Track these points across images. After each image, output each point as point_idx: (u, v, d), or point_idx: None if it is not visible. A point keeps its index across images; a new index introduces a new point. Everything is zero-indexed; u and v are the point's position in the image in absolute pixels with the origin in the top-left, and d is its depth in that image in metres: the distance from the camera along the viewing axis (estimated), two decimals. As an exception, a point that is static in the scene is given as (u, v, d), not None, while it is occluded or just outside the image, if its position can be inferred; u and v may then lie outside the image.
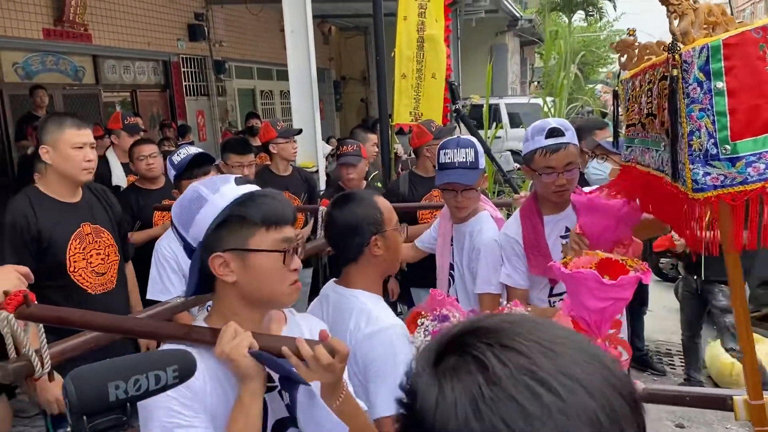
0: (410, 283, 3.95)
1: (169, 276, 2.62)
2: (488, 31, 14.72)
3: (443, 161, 2.62)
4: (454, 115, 3.26)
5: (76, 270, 2.61)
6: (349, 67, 15.98)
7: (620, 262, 1.60)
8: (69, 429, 0.98)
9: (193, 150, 2.70)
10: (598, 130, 3.80)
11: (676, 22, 1.18)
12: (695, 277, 4.16)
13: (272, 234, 1.30)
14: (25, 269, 1.44)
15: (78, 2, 7.88)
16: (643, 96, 1.52)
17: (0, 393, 2.78)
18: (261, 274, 1.30)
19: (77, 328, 1.34)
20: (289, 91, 5.40)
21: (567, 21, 21.05)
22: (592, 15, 23.20)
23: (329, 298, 1.84)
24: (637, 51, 1.62)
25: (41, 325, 1.30)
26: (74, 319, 1.27)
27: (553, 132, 2.27)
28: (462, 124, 5.17)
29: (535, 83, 22.24)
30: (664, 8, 1.19)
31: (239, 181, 1.33)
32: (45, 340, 1.31)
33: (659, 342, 5.35)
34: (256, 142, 7.14)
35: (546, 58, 7.64)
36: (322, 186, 5.11)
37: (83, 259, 2.62)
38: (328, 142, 8.96)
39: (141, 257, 3.11)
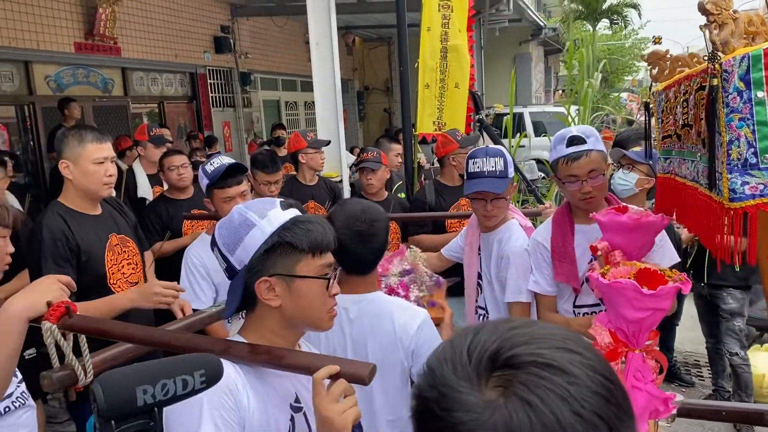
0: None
1: (199, 283, 2.66)
2: (512, 40, 14.71)
3: (472, 170, 2.62)
4: (477, 124, 3.26)
5: (114, 282, 2.62)
6: (373, 77, 16.07)
7: (659, 272, 1.58)
8: None
9: (227, 160, 2.73)
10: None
11: (716, 32, 1.17)
12: (702, 283, 4.12)
13: (317, 260, 1.33)
14: (67, 278, 1.46)
15: (108, 16, 8.05)
16: (678, 107, 1.51)
17: (35, 398, 2.83)
18: (305, 300, 1.32)
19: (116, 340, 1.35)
20: (313, 102, 5.44)
21: (591, 29, 20.94)
22: (617, 23, 23.04)
23: (350, 310, 1.84)
24: (668, 63, 1.61)
25: (83, 335, 1.33)
26: (115, 332, 1.29)
27: (574, 140, 2.27)
28: (485, 134, 5.16)
29: (560, 92, 22.13)
30: (703, 17, 1.19)
31: (284, 206, 1.35)
32: (87, 349, 1.33)
33: (687, 353, 5.27)
34: (282, 152, 7.23)
35: (569, 67, 7.59)
36: (347, 195, 5.13)
37: (118, 270, 2.64)
38: (351, 152, 9.01)
39: (170, 266, 3.15)
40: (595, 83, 6.94)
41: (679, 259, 2.23)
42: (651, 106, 1.90)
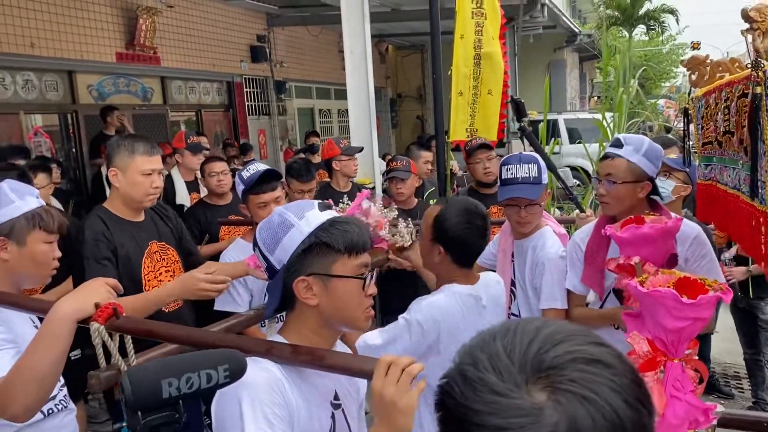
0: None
1: (235, 287, 2.71)
2: (546, 46, 14.60)
3: (506, 177, 2.62)
4: (519, 132, 3.25)
5: (149, 289, 2.62)
6: (405, 84, 16.12)
7: (699, 281, 1.56)
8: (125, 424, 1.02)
9: (262, 167, 2.78)
10: (666, 148, 3.73)
11: (759, 39, 1.16)
12: (740, 293, 4.04)
13: (353, 260, 1.36)
14: (114, 281, 1.51)
15: (148, 26, 8.25)
16: (719, 114, 1.49)
17: (77, 399, 2.91)
18: (341, 299, 1.35)
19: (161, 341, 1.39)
20: (346, 110, 5.50)
21: (627, 35, 20.67)
22: (654, 29, 22.68)
23: (481, 298, 2.10)
24: (709, 68, 1.60)
25: (129, 336, 1.37)
26: (161, 333, 1.33)
27: (614, 142, 2.31)
28: (523, 141, 5.13)
29: (595, 98, 21.86)
30: (744, 23, 1.18)
31: (322, 207, 1.39)
32: (133, 349, 1.37)
33: (726, 364, 5.15)
34: (316, 159, 7.30)
35: (604, 73, 7.50)
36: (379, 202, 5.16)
37: (155, 278, 2.65)
38: (383, 159, 9.05)
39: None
40: (631, 90, 6.85)
41: (724, 280, 2.19)
42: (690, 112, 1.88)
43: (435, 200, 4.76)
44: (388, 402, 1.14)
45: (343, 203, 2.44)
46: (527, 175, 2.58)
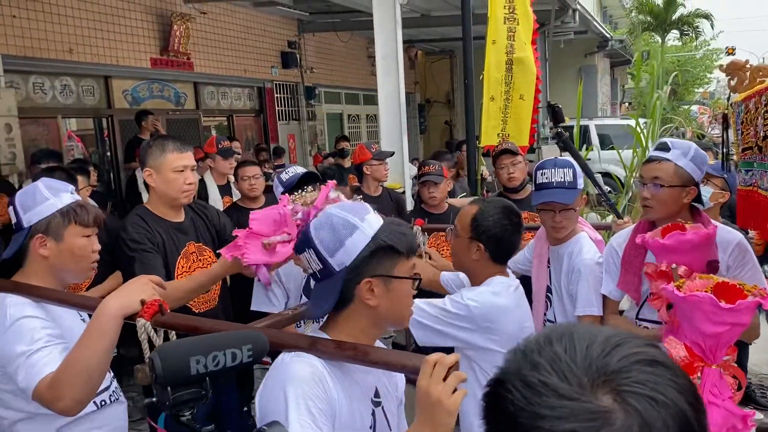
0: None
1: (272, 288, 2.74)
2: (577, 52, 14.49)
3: (540, 181, 2.62)
4: (556, 137, 3.24)
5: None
6: (434, 90, 16.12)
7: (738, 286, 1.54)
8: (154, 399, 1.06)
9: (300, 169, 2.82)
10: None
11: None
12: None
13: (409, 262, 1.41)
14: (159, 279, 1.55)
15: (182, 33, 8.41)
16: (759, 118, 1.48)
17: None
18: (398, 300, 1.40)
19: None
20: (374, 115, 5.55)
21: (660, 41, 20.38)
22: (688, 34, 22.31)
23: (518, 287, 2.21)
24: (748, 73, 1.58)
25: (173, 332, 1.41)
26: (204, 328, 1.37)
27: (659, 145, 2.29)
28: (560, 146, 5.10)
29: (626, 104, 21.60)
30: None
31: (374, 210, 1.44)
32: None
33: (762, 375, 5.03)
34: (346, 163, 7.35)
35: (637, 79, 7.42)
36: (409, 207, 5.18)
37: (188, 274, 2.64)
38: (412, 163, 9.07)
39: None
40: (663, 96, 6.76)
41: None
42: (729, 118, 1.86)
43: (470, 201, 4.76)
44: (434, 400, 1.16)
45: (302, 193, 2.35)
46: (562, 180, 2.58)
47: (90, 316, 1.90)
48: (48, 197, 1.84)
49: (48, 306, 1.77)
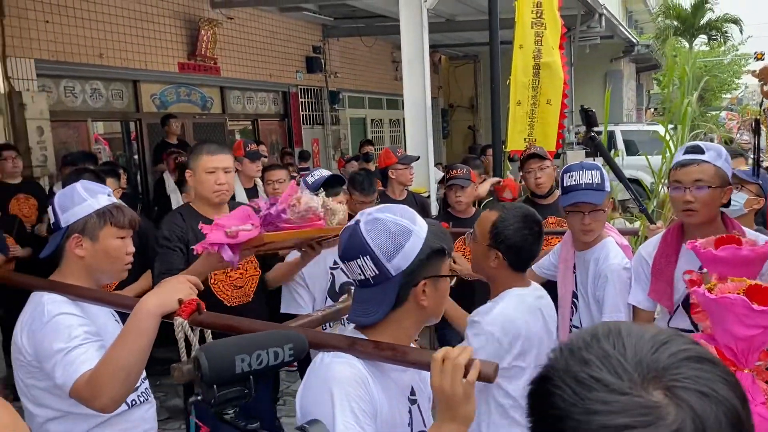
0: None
1: (298, 291, 2.79)
2: (603, 57, 14.37)
3: (568, 183, 2.61)
4: (589, 141, 3.21)
5: (215, 282, 2.75)
6: (458, 94, 16.11)
7: (771, 289, 1.52)
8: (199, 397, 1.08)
9: (326, 172, 2.87)
10: (732, 159, 3.61)
11: None
12: None
13: (448, 261, 1.46)
14: (195, 279, 1.57)
15: (209, 38, 8.52)
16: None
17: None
18: (442, 297, 1.44)
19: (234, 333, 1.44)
20: (398, 120, 5.58)
21: (687, 46, 20.14)
22: (716, 39, 22.03)
23: (538, 297, 2.16)
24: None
25: (209, 331, 1.43)
26: (241, 327, 1.38)
27: (692, 148, 2.24)
28: (594, 151, 5.06)
29: (652, 110, 21.35)
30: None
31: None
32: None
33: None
34: (371, 167, 7.37)
35: (667, 84, 7.34)
36: (434, 211, 5.18)
37: (223, 272, 2.76)
38: (435, 168, 9.07)
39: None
40: (693, 101, 6.68)
41: None
42: (762, 123, 1.84)
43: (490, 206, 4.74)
44: (448, 394, 1.22)
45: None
46: (590, 181, 2.58)
47: (122, 315, 1.95)
48: (85, 198, 1.87)
49: (83, 305, 1.80)
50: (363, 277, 1.38)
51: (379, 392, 1.33)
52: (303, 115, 11.05)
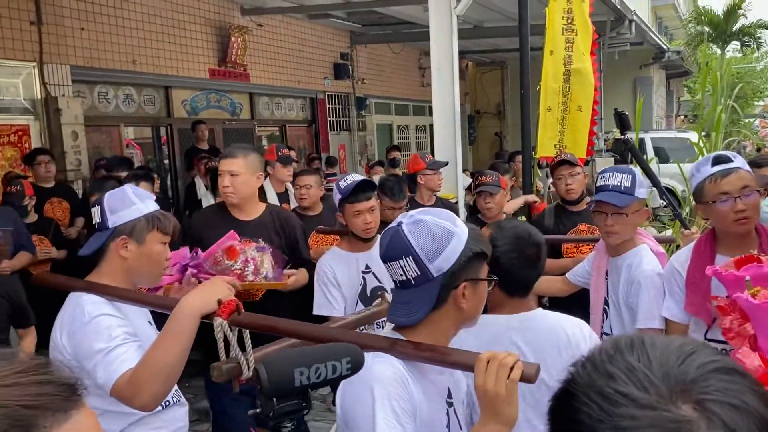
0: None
1: (331, 292, 2.86)
2: (632, 63, 14.21)
3: (599, 184, 2.62)
4: (623, 145, 3.17)
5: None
6: (484, 101, 16.06)
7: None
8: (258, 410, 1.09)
9: (358, 177, 2.90)
10: (762, 167, 3.55)
11: None
12: None
13: (486, 264, 1.47)
14: (233, 279, 1.60)
15: (239, 45, 8.62)
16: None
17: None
18: (481, 301, 1.46)
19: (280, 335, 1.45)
20: (424, 126, 5.59)
21: (719, 52, 19.82)
22: (749, 45, 21.62)
23: (518, 329, 1.84)
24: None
25: (247, 331, 1.44)
26: (281, 328, 1.40)
27: (720, 158, 2.21)
28: (628, 155, 4.99)
29: (682, 117, 21.05)
30: None
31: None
32: (251, 344, 1.44)
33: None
34: (397, 173, 7.38)
35: (701, 90, 7.24)
36: (462, 218, 5.15)
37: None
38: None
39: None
40: (727, 108, 6.58)
41: None
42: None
43: (524, 216, 4.71)
44: (491, 395, 1.23)
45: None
46: (618, 184, 2.56)
47: (154, 317, 1.99)
48: (135, 202, 1.91)
49: (119, 305, 1.83)
50: (404, 278, 1.40)
51: (419, 393, 1.34)
52: (330, 121, 11.12)
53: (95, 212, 1.93)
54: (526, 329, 1.85)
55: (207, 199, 5.96)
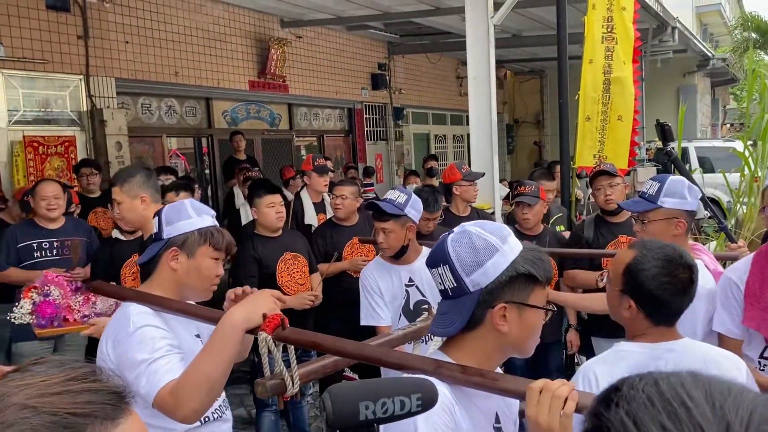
0: (591, 332, 3.78)
1: (376, 301, 2.90)
2: (675, 71, 13.92)
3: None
4: (665, 157, 3.09)
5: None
6: (523, 110, 15.92)
7: None
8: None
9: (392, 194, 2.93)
10: None
11: None
12: None
13: (545, 291, 1.35)
14: (278, 293, 1.59)
15: (279, 56, 8.74)
16: None
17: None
18: (529, 329, 1.34)
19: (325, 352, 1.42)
20: (461, 135, 5.57)
21: (767, 59, 19.25)
22: (799, 50, 20.96)
23: (666, 359, 1.68)
24: None
25: (292, 347, 1.43)
26: (326, 345, 1.36)
27: None
28: (671, 166, 4.88)
29: (728, 125, 20.49)
30: None
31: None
32: (295, 360, 1.42)
33: None
34: (434, 182, 7.36)
35: (747, 98, 7.02)
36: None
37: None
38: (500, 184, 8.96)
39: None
40: (775, 116, 6.36)
41: None
42: None
43: (563, 227, 4.62)
44: (544, 427, 1.14)
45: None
46: (645, 191, 2.55)
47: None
48: (191, 216, 1.92)
49: (166, 318, 1.83)
50: (443, 287, 1.35)
51: (466, 420, 1.27)
52: (367, 130, 11.16)
53: (154, 223, 1.95)
54: (675, 360, 1.67)
55: (245, 209, 6.04)
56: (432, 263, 1.36)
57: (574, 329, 3.84)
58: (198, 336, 1.95)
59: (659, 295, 1.68)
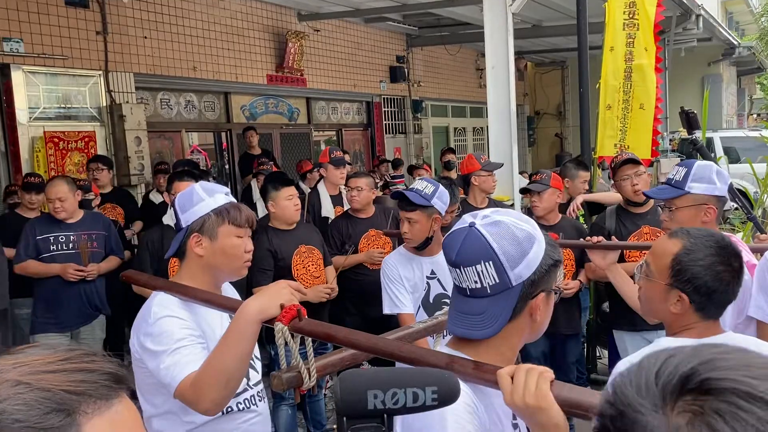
0: (612, 325, 3.71)
1: (399, 290, 2.88)
2: (700, 60, 13.66)
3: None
4: (690, 145, 3.00)
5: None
6: (544, 101, 15.76)
7: None
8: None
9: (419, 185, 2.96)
10: None
11: None
12: None
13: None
14: (297, 284, 1.55)
15: (296, 50, 8.72)
16: None
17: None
18: (549, 313, 1.31)
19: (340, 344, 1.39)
20: (481, 128, 5.50)
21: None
22: (827, 38, 20.48)
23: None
24: None
25: (309, 339, 1.40)
26: (339, 337, 1.32)
27: None
28: (696, 155, 4.76)
29: (755, 115, 20.09)
30: None
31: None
32: (313, 353, 1.39)
33: None
34: (452, 175, 7.30)
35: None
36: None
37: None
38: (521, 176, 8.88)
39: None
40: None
41: None
42: None
43: (581, 217, 4.53)
44: (531, 410, 1.09)
45: None
46: (672, 177, 2.48)
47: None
48: (203, 198, 1.86)
49: (196, 307, 1.79)
50: (479, 286, 1.24)
51: (486, 421, 1.22)
52: (386, 124, 11.12)
53: (172, 214, 1.92)
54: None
55: (261, 203, 6.04)
56: (468, 260, 1.25)
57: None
58: None
59: (715, 287, 1.58)
